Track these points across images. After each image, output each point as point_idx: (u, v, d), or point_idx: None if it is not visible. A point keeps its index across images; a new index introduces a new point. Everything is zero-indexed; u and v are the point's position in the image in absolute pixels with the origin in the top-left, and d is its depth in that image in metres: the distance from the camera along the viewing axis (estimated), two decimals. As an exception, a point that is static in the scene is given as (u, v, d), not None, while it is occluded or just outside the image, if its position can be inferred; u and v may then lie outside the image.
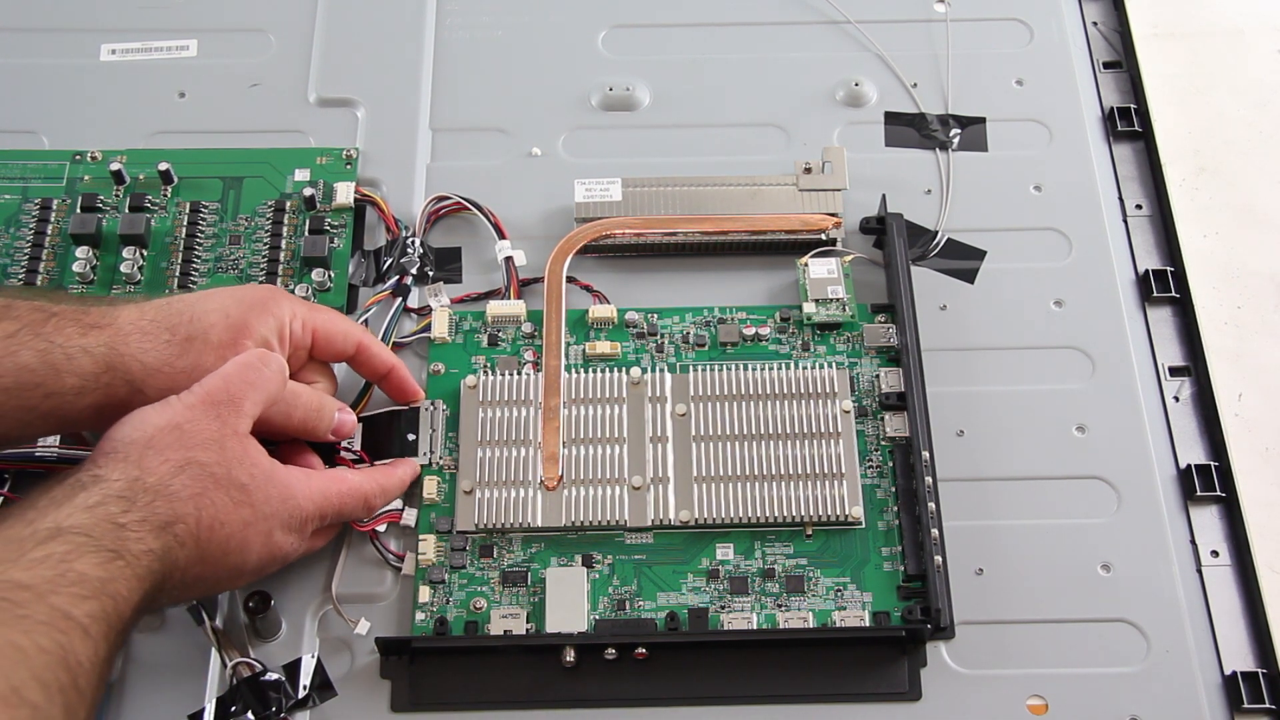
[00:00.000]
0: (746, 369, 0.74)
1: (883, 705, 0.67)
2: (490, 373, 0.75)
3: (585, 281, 0.79)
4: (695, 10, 0.91)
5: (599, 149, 0.85)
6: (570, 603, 0.68)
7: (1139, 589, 0.70)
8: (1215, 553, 0.72)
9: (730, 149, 0.85)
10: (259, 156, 0.83)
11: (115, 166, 0.81)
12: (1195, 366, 0.78)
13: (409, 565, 0.70)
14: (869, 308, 0.77)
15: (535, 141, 0.85)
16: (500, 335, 0.77)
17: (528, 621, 0.68)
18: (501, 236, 0.80)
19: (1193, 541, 0.72)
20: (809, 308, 0.77)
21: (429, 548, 0.70)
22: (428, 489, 0.71)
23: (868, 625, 0.68)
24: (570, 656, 0.66)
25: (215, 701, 0.65)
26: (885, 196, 0.80)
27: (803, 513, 0.70)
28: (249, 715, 0.65)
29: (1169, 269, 0.81)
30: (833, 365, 0.75)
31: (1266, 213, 0.88)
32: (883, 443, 0.73)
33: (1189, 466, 0.74)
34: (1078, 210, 0.83)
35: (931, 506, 0.69)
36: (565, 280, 0.77)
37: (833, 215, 0.80)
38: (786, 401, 0.73)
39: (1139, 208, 0.84)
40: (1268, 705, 0.67)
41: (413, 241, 0.79)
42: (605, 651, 0.66)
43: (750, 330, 0.76)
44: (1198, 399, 0.77)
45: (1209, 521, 0.73)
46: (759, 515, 0.70)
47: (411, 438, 0.73)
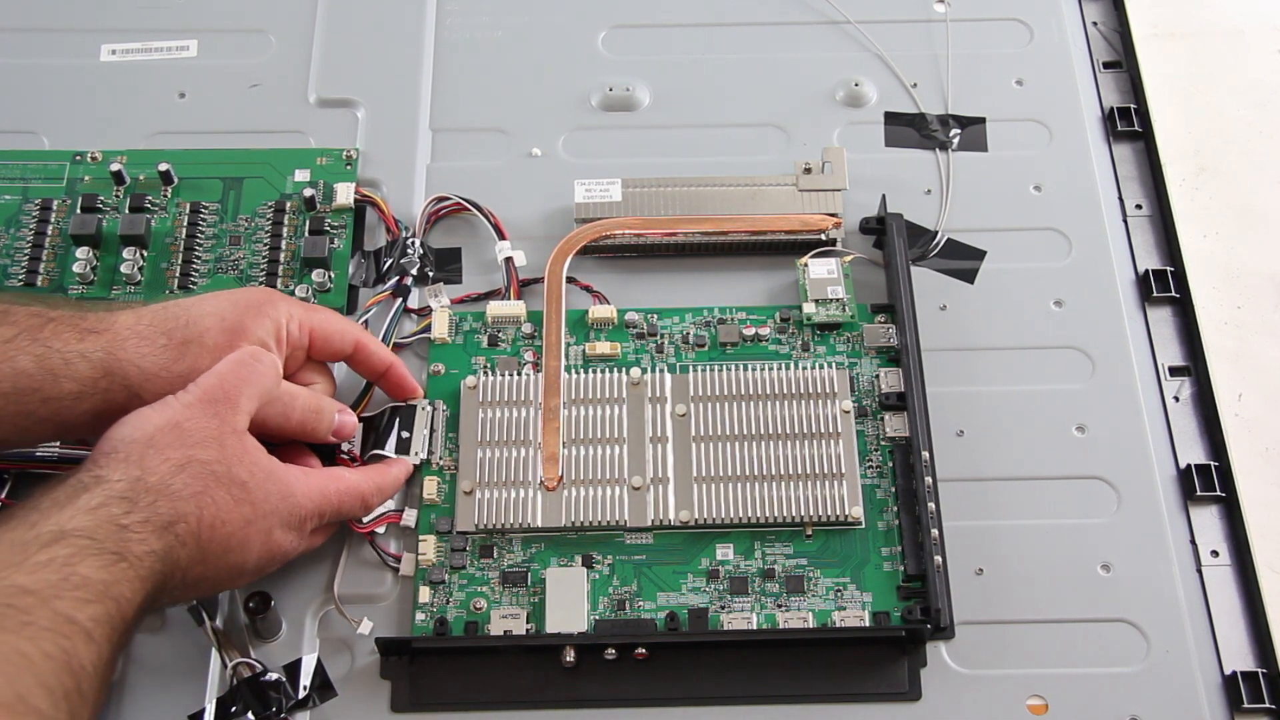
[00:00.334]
0: (746, 369, 0.74)
1: (883, 705, 0.67)
2: (490, 373, 0.75)
3: (585, 282, 0.79)
4: (695, 10, 0.91)
5: (599, 149, 0.85)
6: (570, 603, 0.68)
7: (1139, 589, 0.70)
8: (1215, 553, 0.72)
9: (730, 149, 0.85)
10: (259, 157, 0.83)
11: (115, 167, 0.81)
12: (1195, 366, 0.78)
13: (407, 566, 0.70)
14: (869, 308, 0.77)
15: (535, 142, 0.85)
16: (500, 336, 0.77)
17: (528, 622, 0.68)
18: (501, 237, 0.80)
19: (1193, 541, 0.72)
20: (809, 308, 0.77)
21: (429, 548, 0.70)
22: (428, 489, 0.71)
23: (868, 625, 0.68)
24: (570, 656, 0.66)
25: (215, 702, 0.65)
26: (885, 196, 0.80)
27: (803, 513, 0.70)
28: (249, 715, 0.65)
29: (1169, 269, 0.81)
30: (833, 365, 0.75)
31: (1266, 213, 0.88)
32: (883, 443, 0.73)
33: (1189, 466, 0.74)
34: (1078, 210, 0.83)
35: (931, 506, 0.69)
36: (565, 281, 0.77)
37: (833, 215, 0.80)
38: (786, 401, 0.73)
39: (1139, 208, 0.84)
40: (1268, 705, 0.67)
41: (413, 242, 0.79)
42: (605, 651, 0.66)
43: (750, 330, 0.76)
44: (1198, 399, 0.77)
45: (1209, 521, 0.73)
46: (759, 515, 0.70)
47: (405, 435, 0.73)
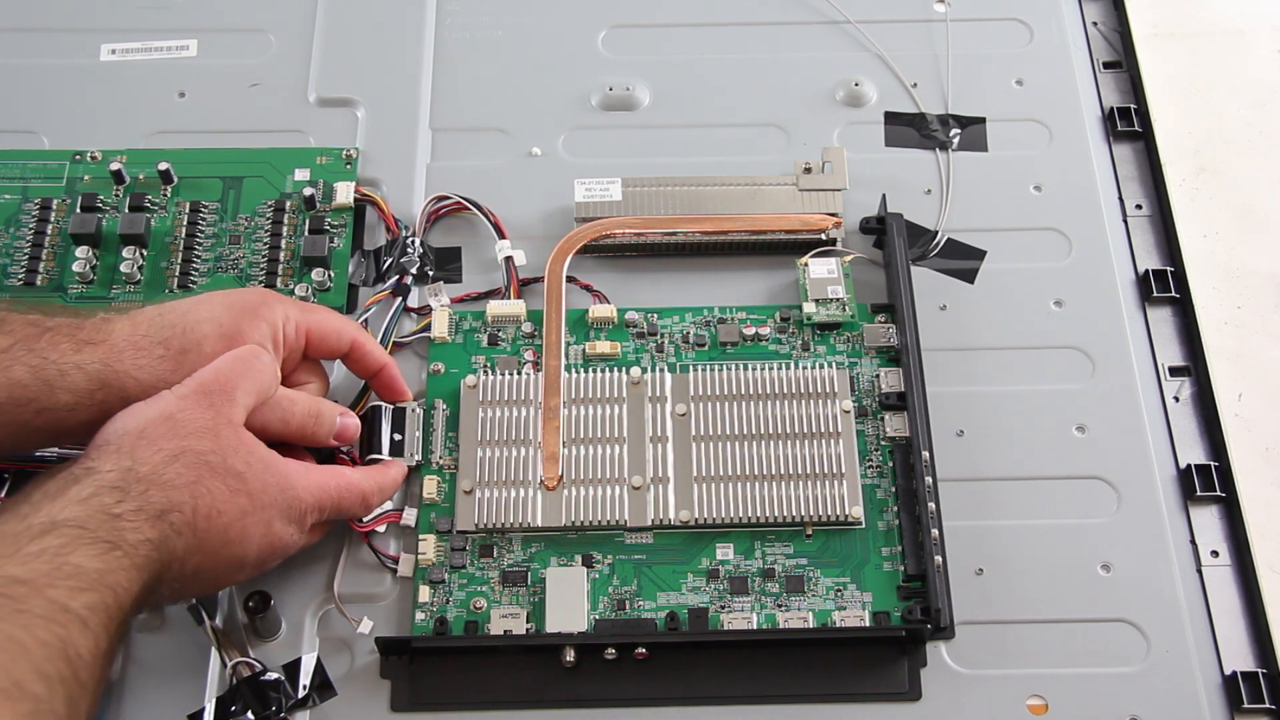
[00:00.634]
0: (746, 369, 0.74)
1: (883, 705, 0.67)
2: (490, 372, 0.75)
3: (585, 281, 0.79)
4: (695, 10, 0.91)
5: (599, 149, 0.85)
6: (570, 603, 0.68)
7: (1139, 589, 0.70)
8: (1215, 553, 0.72)
9: (730, 149, 0.85)
10: (259, 156, 0.83)
11: (115, 166, 0.81)
12: (1195, 366, 0.78)
13: (405, 567, 0.70)
14: (869, 308, 0.77)
15: (535, 141, 0.85)
16: (500, 335, 0.77)
17: (528, 621, 0.68)
18: (501, 236, 0.80)
19: (1193, 541, 0.72)
20: (809, 308, 0.77)
21: (429, 548, 0.70)
22: (428, 488, 0.71)
23: (868, 625, 0.68)
24: (570, 656, 0.66)
25: (215, 701, 0.65)
26: (885, 196, 0.80)
27: (803, 513, 0.70)
28: (249, 715, 0.65)
29: (1169, 269, 0.81)
30: (833, 365, 0.75)
31: (1266, 213, 0.88)
32: (883, 443, 0.73)
33: (1189, 466, 0.74)
34: (1078, 210, 0.83)
35: (931, 506, 0.69)
36: (565, 280, 0.77)
37: (833, 215, 0.80)
38: (786, 401, 0.73)
39: (1139, 208, 0.84)
40: (1268, 705, 0.67)
41: (413, 241, 0.79)
42: (605, 651, 0.66)
43: (750, 330, 0.76)
44: (1198, 399, 0.77)
45: (1209, 521, 0.73)
46: (759, 515, 0.70)
47: (398, 437, 0.72)
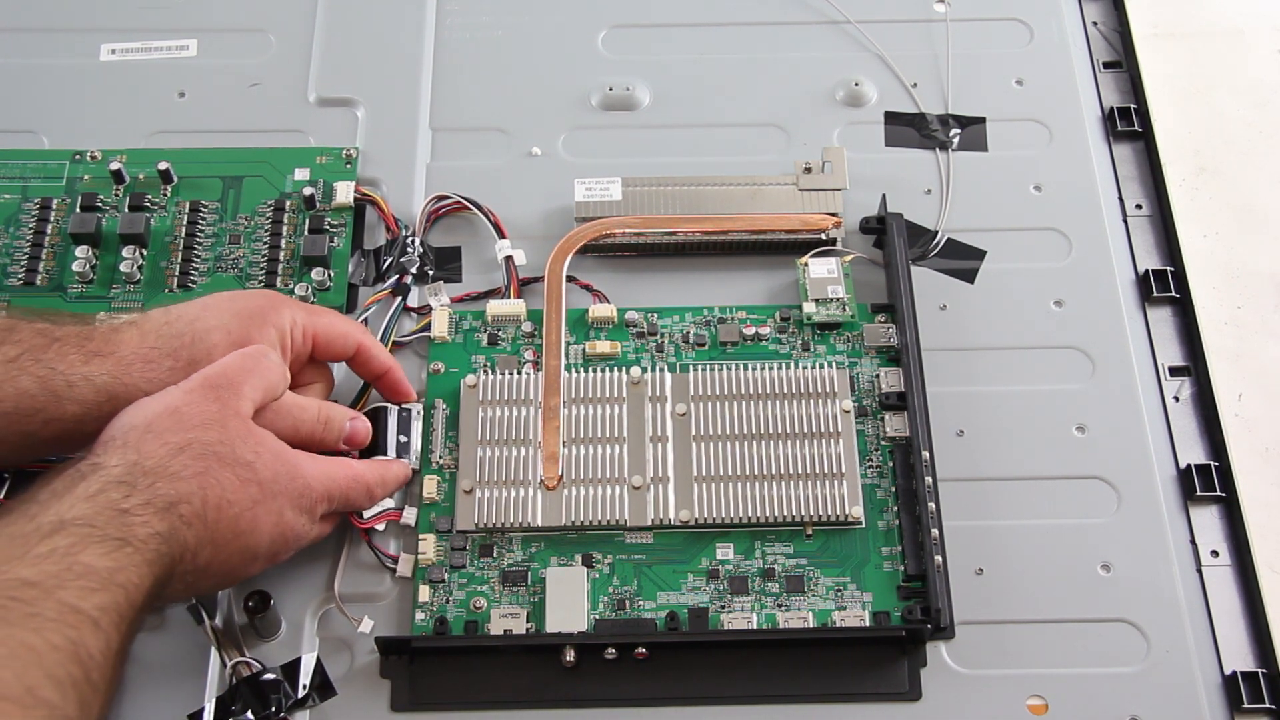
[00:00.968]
0: (746, 369, 0.74)
1: (883, 705, 0.67)
2: (490, 372, 0.75)
3: (585, 281, 0.79)
4: (695, 10, 0.91)
5: (599, 149, 0.85)
6: (570, 602, 0.68)
7: (1139, 589, 0.70)
8: (1215, 553, 0.72)
9: (730, 149, 0.85)
10: (259, 156, 0.83)
11: (115, 166, 0.81)
12: (1195, 366, 0.78)
13: (404, 567, 0.70)
14: (869, 308, 0.77)
15: (535, 141, 0.85)
16: (500, 334, 0.77)
17: (528, 621, 0.68)
18: (501, 236, 0.80)
19: (1193, 541, 0.72)
20: (809, 307, 0.77)
21: (429, 547, 0.70)
22: (427, 488, 0.71)
23: (868, 625, 0.68)
24: (570, 656, 0.66)
25: (215, 701, 0.65)
26: (885, 196, 0.80)
27: (803, 512, 0.70)
28: (249, 715, 0.65)
29: (1169, 269, 0.81)
30: (833, 365, 0.75)
31: (1266, 213, 0.88)
32: (883, 443, 0.73)
33: (1189, 466, 0.74)
34: (1078, 210, 0.83)
35: (931, 506, 0.69)
36: (565, 279, 0.77)
37: (833, 215, 0.80)
38: (786, 401, 0.73)
39: (1139, 208, 0.84)
40: (1268, 705, 0.67)
41: (412, 241, 0.79)
42: (605, 651, 0.66)
43: (750, 330, 0.76)
44: (1198, 399, 0.77)
45: (1209, 521, 0.73)
46: (759, 515, 0.70)
47: (404, 439, 0.73)
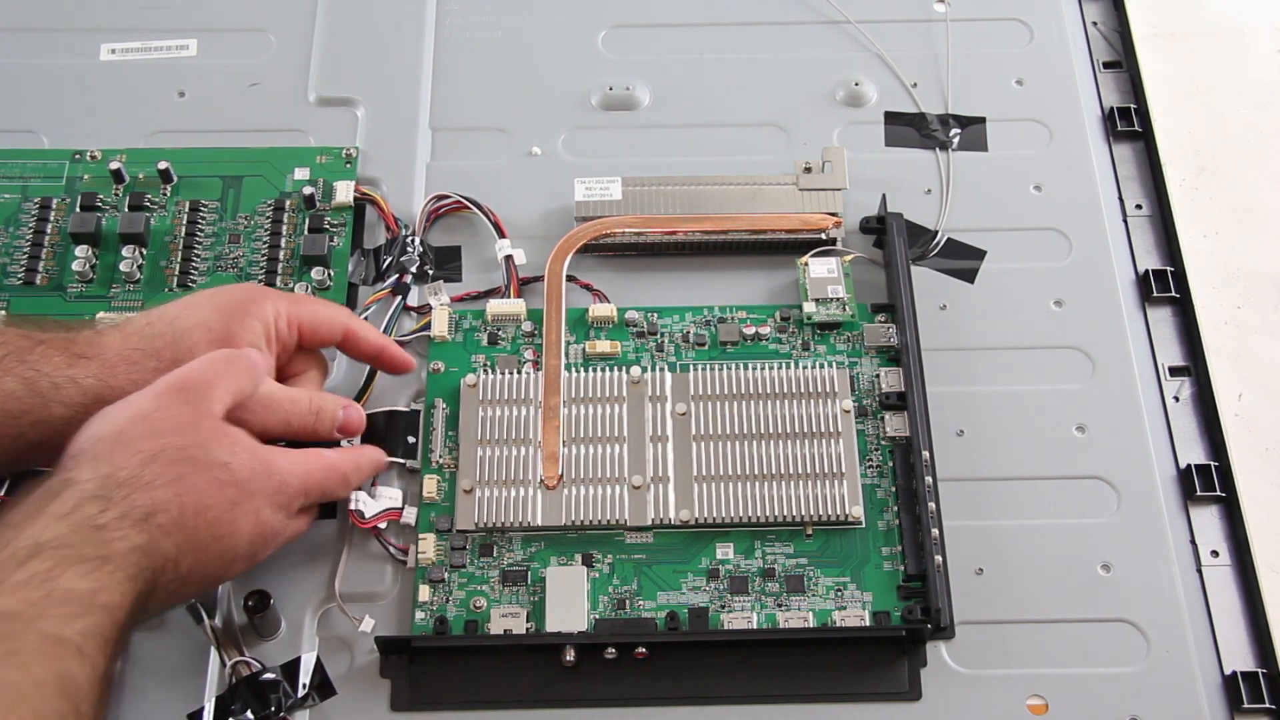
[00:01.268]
0: (746, 368, 0.74)
1: (883, 705, 0.67)
2: (490, 371, 0.75)
3: (585, 280, 0.79)
4: (695, 10, 0.91)
5: (599, 148, 0.85)
6: (570, 602, 0.68)
7: (1139, 589, 0.70)
8: (1215, 553, 0.72)
9: (730, 149, 0.85)
10: (259, 156, 0.83)
11: (115, 166, 0.81)
12: (1195, 366, 0.78)
13: (414, 559, 0.70)
14: (869, 307, 0.77)
15: (535, 141, 0.85)
16: (500, 334, 0.77)
17: (528, 621, 0.68)
18: (501, 235, 0.80)
19: (1193, 541, 0.72)
20: (809, 307, 0.77)
21: (429, 547, 0.70)
22: (427, 488, 0.71)
23: (868, 625, 0.68)
24: (570, 656, 0.66)
25: (214, 701, 0.65)
26: (885, 196, 0.80)
27: (803, 512, 0.70)
28: (248, 714, 0.65)
29: (1169, 269, 0.81)
30: (833, 365, 0.75)
31: (1266, 213, 0.88)
32: (883, 442, 0.73)
33: (1189, 466, 0.74)
34: (1078, 210, 0.83)
35: (931, 506, 0.69)
36: (565, 279, 0.77)
37: (833, 215, 0.80)
38: (786, 401, 0.73)
39: (1139, 208, 0.84)
40: (1268, 705, 0.67)
41: (412, 240, 0.79)
42: (605, 651, 0.66)
43: (750, 330, 0.76)
44: (1198, 399, 0.77)
45: (1209, 521, 0.73)
46: (759, 515, 0.70)
47: (411, 440, 0.73)
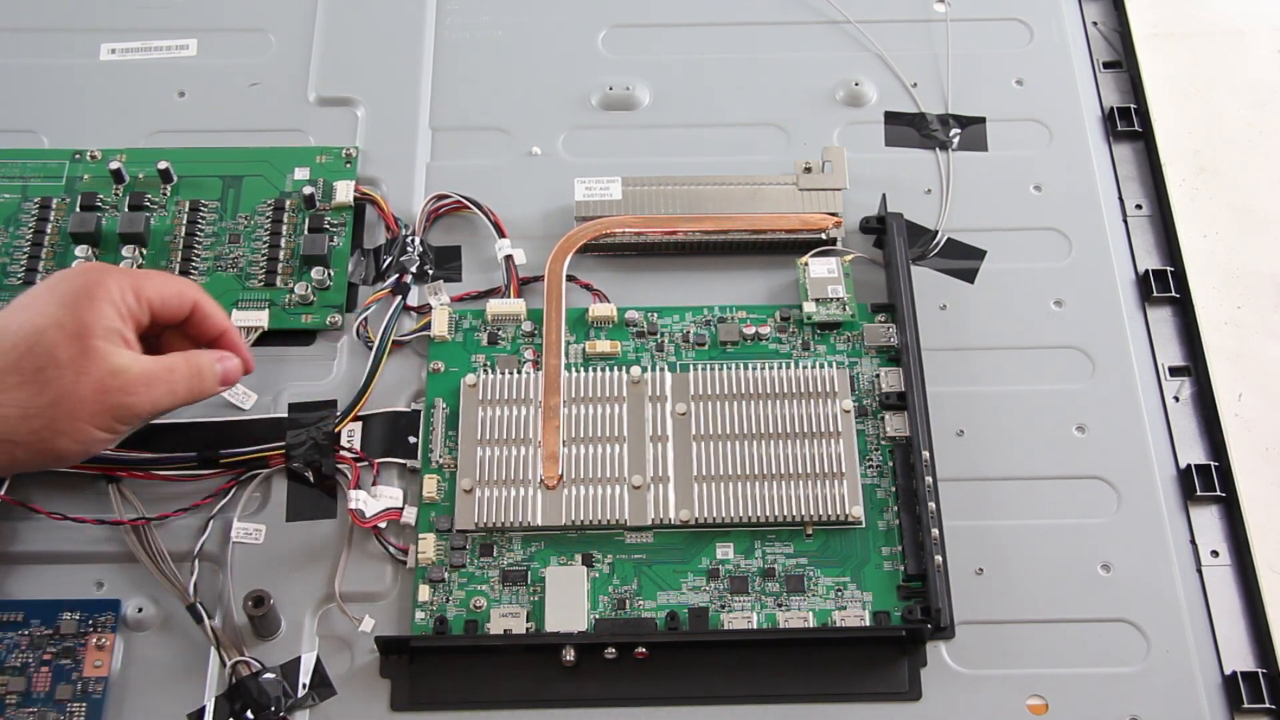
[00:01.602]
0: (746, 368, 0.74)
1: (883, 705, 0.67)
2: (490, 371, 0.75)
3: (585, 280, 0.79)
4: (695, 10, 0.91)
5: (599, 148, 0.85)
6: (570, 602, 0.68)
7: (1139, 589, 0.70)
8: (1215, 553, 0.72)
9: (730, 149, 0.85)
10: (259, 155, 0.83)
11: (115, 165, 0.81)
12: (1195, 366, 0.78)
13: (414, 559, 0.70)
14: (869, 307, 0.77)
15: (535, 141, 0.85)
16: (500, 334, 0.77)
17: (528, 621, 0.68)
18: (501, 235, 0.80)
19: (1193, 541, 0.72)
20: (809, 307, 0.77)
21: (429, 547, 0.70)
22: (427, 488, 0.71)
23: (868, 625, 0.68)
24: (570, 656, 0.66)
25: (215, 700, 0.65)
26: (885, 196, 0.80)
27: (803, 512, 0.70)
28: (248, 714, 0.65)
29: (1169, 269, 0.81)
30: (833, 365, 0.75)
31: (1266, 213, 0.88)
32: (883, 442, 0.73)
33: (1189, 466, 0.74)
34: (1078, 210, 0.83)
35: (931, 506, 0.69)
36: (565, 279, 0.77)
37: (833, 215, 0.80)
38: (786, 401, 0.73)
39: (1139, 208, 0.84)
40: (1268, 705, 0.67)
41: (412, 240, 0.79)
42: (605, 651, 0.66)
43: (750, 329, 0.76)
44: (1198, 399, 0.77)
45: (1209, 521, 0.73)
46: (759, 515, 0.70)
47: (413, 440, 0.73)
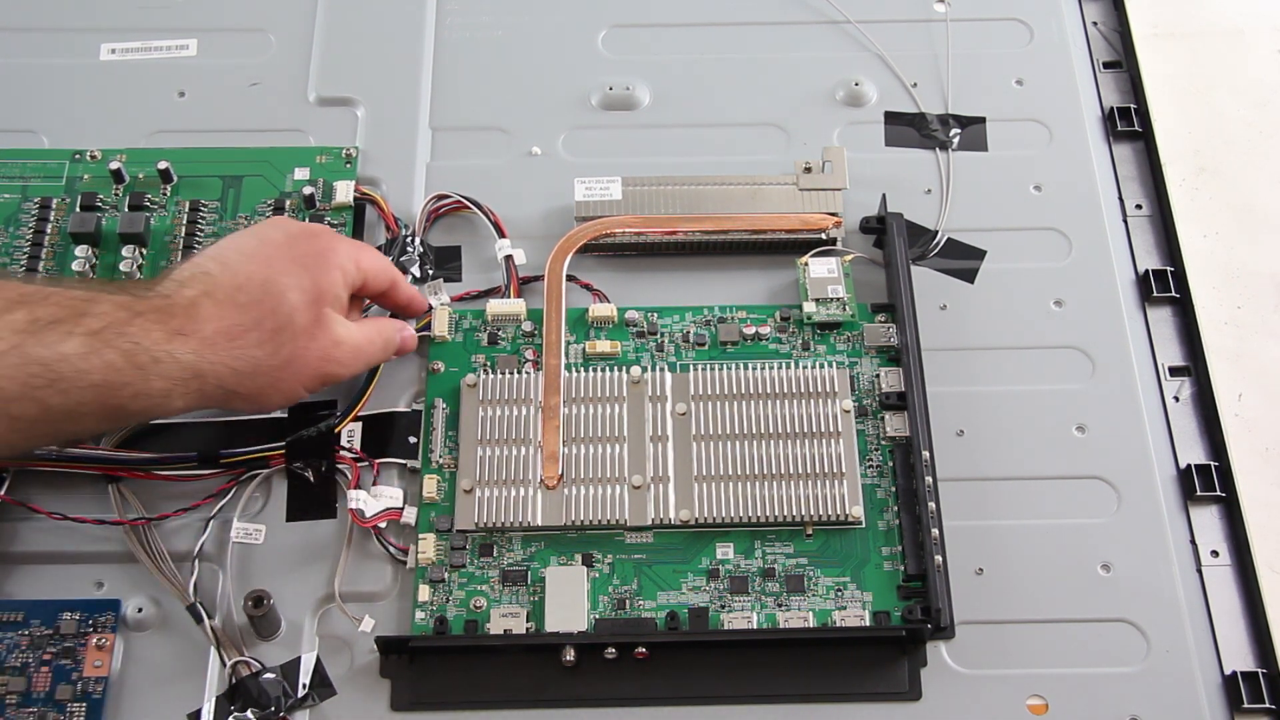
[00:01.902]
0: (746, 368, 0.74)
1: (883, 705, 0.67)
2: (490, 371, 0.75)
3: (585, 280, 0.79)
4: (695, 10, 0.91)
5: (599, 148, 0.85)
6: (570, 602, 0.68)
7: (1139, 589, 0.70)
8: (1215, 553, 0.72)
9: (730, 149, 0.85)
10: (259, 155, 0.83)
11: (115, 165, 0.81)
12: (1195, 366, 0.78)
13: (414, 559, 0.70)
14: (869, 307, 0.77)
15: (535, 141, 0.85)
16: (500, 334, 0.77)
17: (528, 621, 0.68)
18: (501, 235, 0.80)
19: (1193, 541, 0.72)
20: (809, 307, 0.77)
21: (429, 547, 0.70)
22: (427, 488, 0.71)
23: (868, 625, 0.68)
24: (570, 656, 0.66)
25: (214, 700, 0.65)
26: (885, 196, 0.80)
27: (803, 512, 0.70)
28: (248, 714, 0.65)
29: (1169, 269, 0.81)
30: (833, 365, 0.75)
31: (1266, 213, 0.88)
32: (883, 442, 0.73)
33: (1189, 466, 0.74)
34: (1078, 210, 0.83)
35: (931, 506, 0.69)
36: (565, 279, 0.77)
37: (833, 215, 0.80)
38: (786, 401, 0.73)
39: (1139, 208, 0.84)
40: (1268, 705, 0.67)
41: (412, 240, 0.79)
42: (605, 651, 0.66)
43: (750, 329, 0.76)
44: (1198, 399, 0.77)
45: (1209, 521, 0.73)
46: (759, 515, 0.70)
47: (413, 440, 0.73)
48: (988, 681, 0.68)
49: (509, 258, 0.79)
